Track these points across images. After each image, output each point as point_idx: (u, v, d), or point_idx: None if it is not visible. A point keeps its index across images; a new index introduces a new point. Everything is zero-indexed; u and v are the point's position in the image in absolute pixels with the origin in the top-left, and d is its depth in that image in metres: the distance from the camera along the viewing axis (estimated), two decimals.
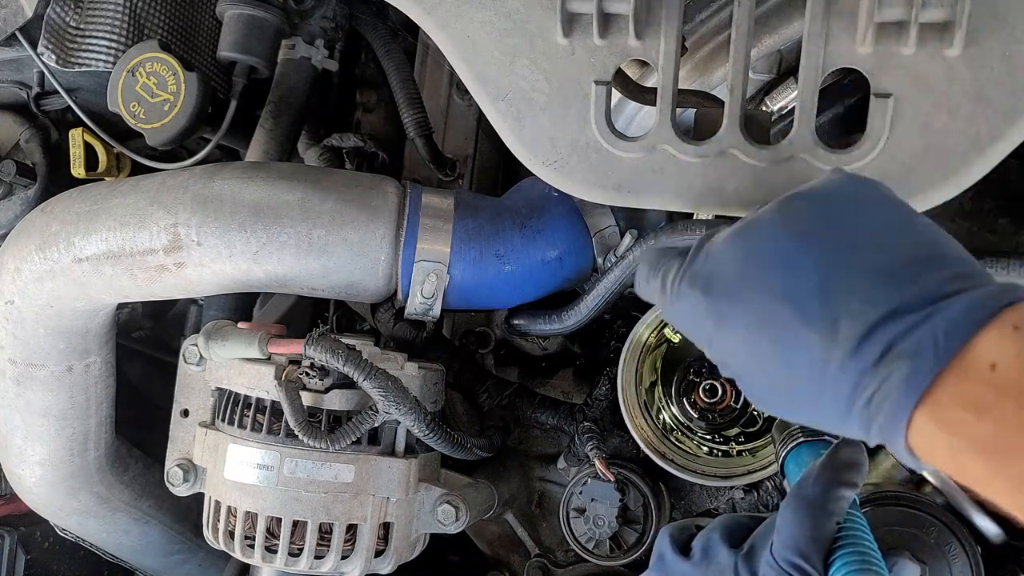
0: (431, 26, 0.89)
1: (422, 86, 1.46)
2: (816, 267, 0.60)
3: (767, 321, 0.61)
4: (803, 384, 0.60)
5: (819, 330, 0.58)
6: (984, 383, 0.52)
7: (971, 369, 0.53)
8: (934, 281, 0.57)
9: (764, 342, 0.62)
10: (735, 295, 0.64)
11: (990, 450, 0.52)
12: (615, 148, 0.85)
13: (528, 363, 1.39)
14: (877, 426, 0.57)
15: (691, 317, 0.68)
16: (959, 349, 0.53)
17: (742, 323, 0.63)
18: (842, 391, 0.57)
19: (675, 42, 0.80)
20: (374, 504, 1.03)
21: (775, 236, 0.64)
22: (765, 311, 0.61)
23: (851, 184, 0.66)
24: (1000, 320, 0.54)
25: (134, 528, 1.35)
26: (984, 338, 0.53)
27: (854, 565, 0.67)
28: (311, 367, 1.01)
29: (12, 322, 1.10)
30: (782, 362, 0.61)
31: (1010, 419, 0.51)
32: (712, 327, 0.66)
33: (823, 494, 0.70)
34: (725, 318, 0.64)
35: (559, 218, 1.13)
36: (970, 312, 0.54)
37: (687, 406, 1.19)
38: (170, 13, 1.32)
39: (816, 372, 0.58)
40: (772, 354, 0.61)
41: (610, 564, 1.25)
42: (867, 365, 0.56)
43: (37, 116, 1.40)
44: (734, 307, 0.64)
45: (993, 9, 0.77)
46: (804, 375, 0.59)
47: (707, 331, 0.67)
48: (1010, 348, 0.52)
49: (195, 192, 1.02)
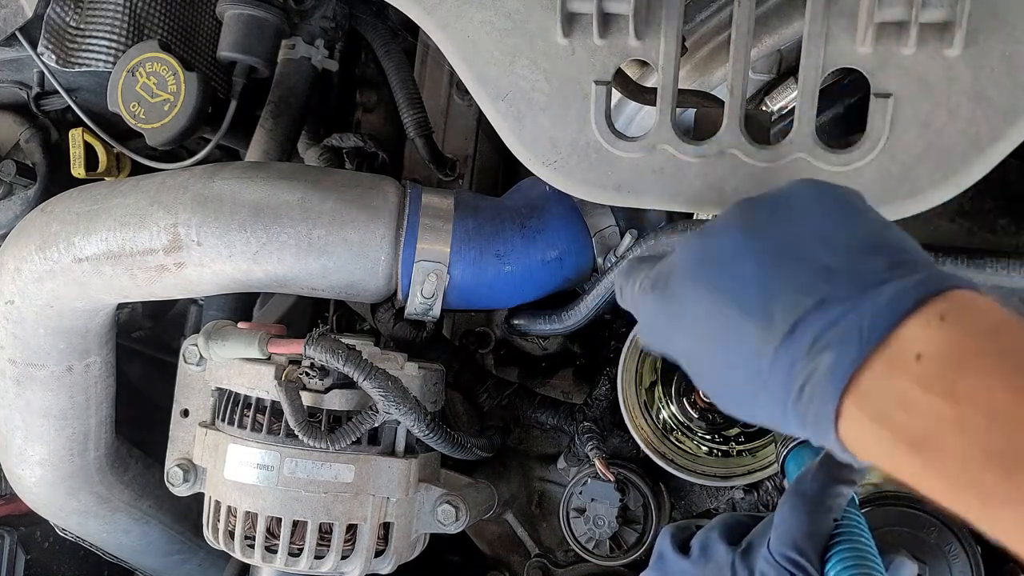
0: (431, 26, 0.89)
1: (422, 86, 1.46)
2: (757, 262, 0.60)
3: (711, 315, 0.61)
4: (744, 379, 0.60)
5: (755, 321, 0.58)
6: (909, 375, 0.51)
7: (897, 359, 0.51)
8: (868, 271, 0.56)
9: (708, 337, 0.62)
10: (684, 292, 0.64)
11: (917, 444, 0.50)
12: (615, 148, 0.85)
13: (528, 363, 1.39)
14: (810, 419, 0.55)
15: (650, 317, 0.69)
16: (883, 338, 0.52)
17: (690, 319, 0.63)
18: (778, 384, 0.57)
19: (675, 42, 0.80)
20: (374, 504, 1.03)
21: (725, 235, 0.64)
22: (710, 305, 0.62)
23: (810, 188, 0.65)
24: (927, 308, 0.52)
25: (134, 528, 1.35)
26: (910, 327, 0.52)
27: (850, 561, 0.67)
28: (311, 367, 1.01)
29: (12, 322, 1.10)
30: (725, 357, 0.61)
31: (934, 414, 0.49)
32: (666, 325, 0.66)
33: (821, 491, 0.70)
34: (676, 316, 0.65)
35: (559, 218, 1.13)
36: (897, 300, 0.53)
37: (687, 406, 1.19)
38: (170, 13, 1.32)
39: (753, 366, 0.58)
40: (716, 349, 0.61)
41: (610, 564, 1.25)
42: (798, 356, 0.55)
43: (37, 116, 1.40)
44: (684, 305, 0.64)
45: (993, 9, 0.77)
46: (744, 370, 0.59)
47: (663, 330, 0.67)
48: (936, 338, 0.51)
49: (195, 192, 1.03)
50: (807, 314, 0.55)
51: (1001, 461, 0.47)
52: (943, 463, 0.49)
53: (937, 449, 0.49)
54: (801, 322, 0.55)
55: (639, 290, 0.70)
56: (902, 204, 0.82)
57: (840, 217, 0.62)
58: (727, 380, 0.62)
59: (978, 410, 0.48)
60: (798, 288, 0.57)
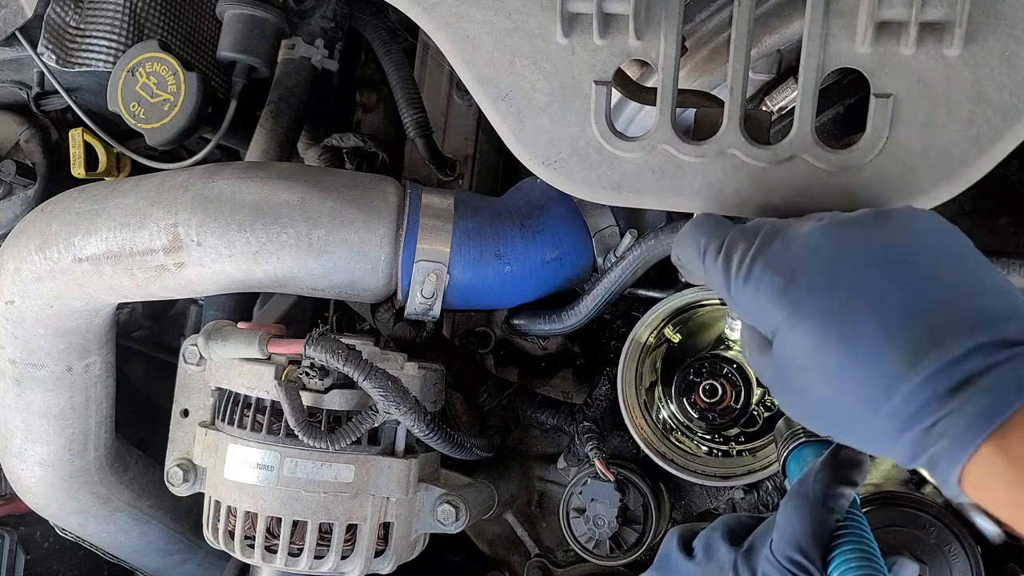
0: (431, 26, 0.89)
1: (422, 86, 1.46)
2: (909, 286, 0.61)
3: (845, 323, 0.61)
4: (859, 397, 0.60)
5: (899, 346, 0.59)
6: None
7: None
8: (1018, 329, 0.58)
9: (834, 343, 0.61)
10: (817, 289, 0.63)
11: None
12: (615, 148, 0.85)
13: (528, 363, 1.39)
14: (931, 452, 0.57)
15: (761, 303, 0.66)
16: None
17: (818, 319, 0.62)
18: (903, 412, 0.58)
19: (675, 42, 0.80)
20: (374, 504, 1.03)
21: (873, 243, 0.64)
22: (845, 312, 0.61)
23: (938, 220, 0.67)
24: None
25: (134, 528, 1.35)
26: None
27: (853, 562, 0.67)
28: (311, 367, 1.01)
29: (12, 322, 1.10)
30: (847, 368, 0.60)
31: None
32: (783, 318, 0.64)
33: (823, 492, 0.70)
34: (800, 311, 0.63)
35: (559, 218, 1.13)
36: None
37: (687, 406, 1.19)
38: (170, 13, 1.32)
39: (881, 388, 0.59)
40: (839, 357, 0.61)
41: (610, 564, 1.25)
42: (941, 391, 0.57)
43: (37, 116, 1.40)
44: (813, 301, 0.63)
45: (993, 9, 0.77)
46: (865, 388, 0.59)
47: (775, 321, 0.65)
48: None
49: (195, 192, 1.02)
50: (962, 357, 0.57)
51: None
52: None
53: None
54: (954, 363, 0.57)
55: (744, 264, 0.67)
56: (902, 204, 0.82)
57: (979, 266, 0.64)
58: (835, 390, 0.62)
59: None
60: (951, 326, 0.58)
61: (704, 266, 0.72)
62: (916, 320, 0.59)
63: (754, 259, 0.67)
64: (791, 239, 0.67)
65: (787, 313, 0.64)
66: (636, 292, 1.17)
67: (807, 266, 0.64)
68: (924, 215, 0.68)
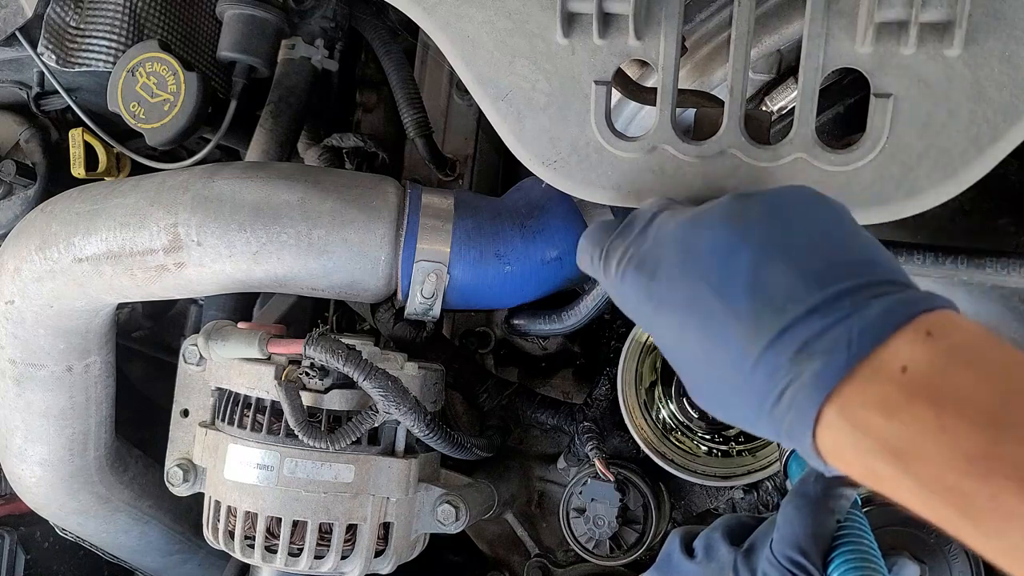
0: (431, 26, 0.89)
1: (422, 86, 1.46)
2: (749, 261, 0.60)
3: (698, 310, 0.61)
4: (725, 378, 0.60)
5: (742, 321, 0.58)
6: (894, 384, 0.52)
7: (882, 370, 0.53)
8: (858, 284, 0.57)
9: (693, 331, 0.62)
10: (672, 281, 0.64)
11: (897, 451, 0.52)
12: (615, 148, 0.85)
13: (528, 363, 1.39)
14: (787, 424, 0.56)
15: (634, 301, 0.68)
16: (872, 350, 0.54)
17: (677, 310, 0.63)
18: (757, 386, 0.57)
19: (675, 42, 0.80)
20: (374, 504, 1.03)
21: (717, 228, 0.64)
22: (697, 299, 0.62)
23: (803, 194, 0.67)
24: (915, 325, 0.54)
25: (134, 528, 1.35)
26: (897, 341, 0.54)
27: (853, 563, 0.67)
28: (311, 367, 1.01)
29: (12, 322, 1.10)
30: (708, 353, 0.61)
31: (917, 421, 0.51)
32: (651, 312, 0.66)
33: (824, 492, 0.70)
34: (663, 304, 0.65)
35: (559, 218, 1.13)
36: (886, 315, 0.55)
37: (687, 406, 1.19)
38: (170, 13, 1.32)
39: (736, 366, 0.58)
40: (700, 344, 0.61)
41: (610, 564, 1.25)
42: (783, 361, 0.56)
43: (37, 116, 1.40)
44: (672, 294, 0.64)
45: (993, 9, 0.77)
46: (726, 369, 0.59)
47: (647, 316, 0.67)
48: (922, 352, 0.53)
49: (195, 192, 1.02)
50: (796, 321, 0.56)
51: (982, 465, 0.48)
52: (922, 469, 0.50)
53: (917, 455, 0.51)
54: (790, 328, 0.56)
55: (619, 267, 0.70)
56: (902, 204, 0.82)
57: (833, 228, 0.63)
58: (706, 375, 0.62)
59: (961, 416, 0.50)
60: (789, 293, 0.58)
61: (593, 269, 0.75)
62: (758, 292, 0.59)
63: (628, 260, 0.69)
64: (659, 236, 0.68)
65: (653, 308, 0.66)
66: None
67: (666, 260, 0.65)
68: (782, 190, 0.68)
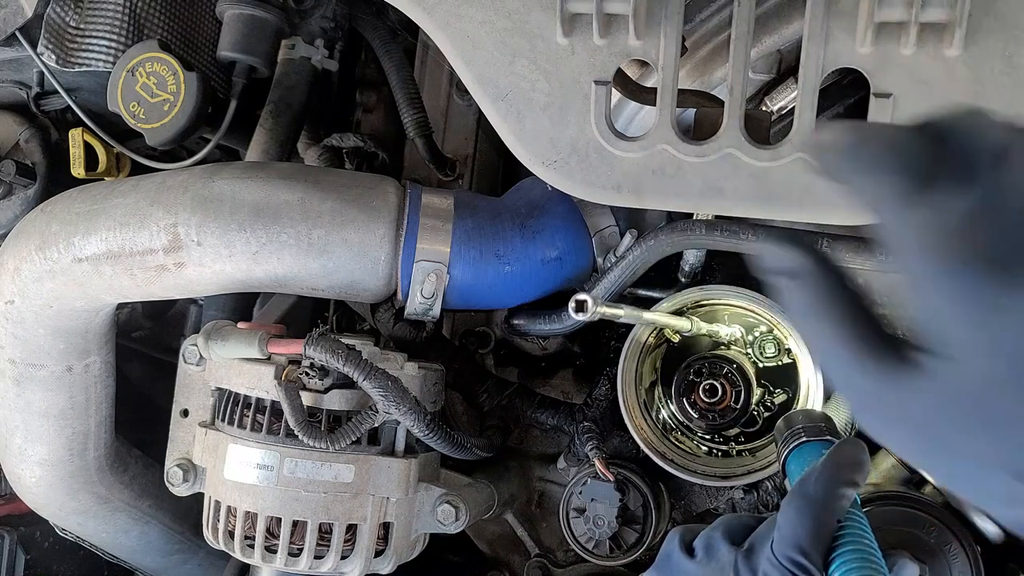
0: (431, 26, 0.89)
1: (422, 86, 1.46)
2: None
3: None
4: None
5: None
6: None
7: None
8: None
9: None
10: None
11: None
12: (615, 148, 0.85)
13: (528, 363, 1.39)
14: None
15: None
16: None
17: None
18: None
19: (675, 42, 0.80)
20: (374, 504, 1.03)
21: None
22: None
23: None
24: None
25: (134, 528, 1.35)
26: None
27: (854, 563, 0.67)
28: (311, 367, 1.01)
29: (12, 322, 1.10)
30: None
31: None
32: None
33: (825, 492, 0.70)
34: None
35: (559, 218, 1.13)
36: None
37: (687, 406, 1.19)
38: (170, 13, 1.32)
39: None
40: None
41: (610, 564, 1.25)
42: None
43: (37, 116, 1.40)
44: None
45: (993, 9, 0.77)
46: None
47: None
48: None
49: (195, 192, 1.02)
50: None
51: None
52: None
53: None
54: None
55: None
56: None
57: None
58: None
59: None
60: None
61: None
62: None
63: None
64: None
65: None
66: (636, 292, 1.17)
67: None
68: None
